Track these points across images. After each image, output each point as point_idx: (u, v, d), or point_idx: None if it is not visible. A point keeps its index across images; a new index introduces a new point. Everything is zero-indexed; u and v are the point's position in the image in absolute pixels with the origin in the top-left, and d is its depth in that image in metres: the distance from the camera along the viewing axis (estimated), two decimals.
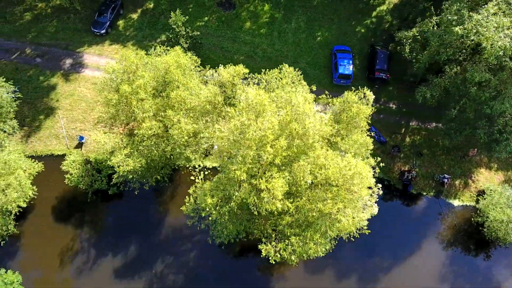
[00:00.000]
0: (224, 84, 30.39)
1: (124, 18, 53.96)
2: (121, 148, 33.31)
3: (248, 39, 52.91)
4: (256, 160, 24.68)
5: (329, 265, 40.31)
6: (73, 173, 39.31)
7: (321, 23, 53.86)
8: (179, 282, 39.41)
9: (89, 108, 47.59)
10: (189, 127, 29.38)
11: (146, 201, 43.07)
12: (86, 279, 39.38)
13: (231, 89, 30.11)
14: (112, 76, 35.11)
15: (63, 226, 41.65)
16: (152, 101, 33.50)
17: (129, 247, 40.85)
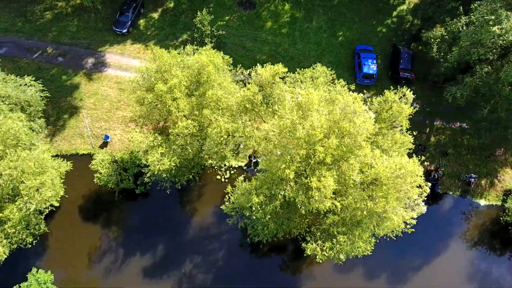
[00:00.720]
0: (263, 83, 30.34)
1: (145, 18, 53.91)
2: (155, 146, 33.17)
3: (269, 38, 52.89)
4: (304, 159, 24.66)
5: (356, 264, 40.17)
6: (102, 172, 39.20)
7: (342, 23, 53.86)
8: (208, 282, 39.32)
9: (113, 107, 47.51)
10: (228, 126, 29.33)
11: (172, 200, 42.99)
12: (114, 279, 39.28)
13: (270, 88, 30.05)
14: (145, 75, 34.95)
15: (90, 225, 41.58)
16: (186, 100, 33.44)
17: (156, 247, 40.76)
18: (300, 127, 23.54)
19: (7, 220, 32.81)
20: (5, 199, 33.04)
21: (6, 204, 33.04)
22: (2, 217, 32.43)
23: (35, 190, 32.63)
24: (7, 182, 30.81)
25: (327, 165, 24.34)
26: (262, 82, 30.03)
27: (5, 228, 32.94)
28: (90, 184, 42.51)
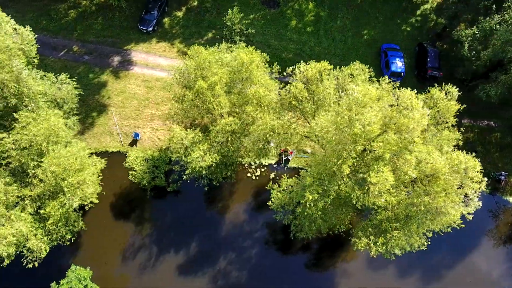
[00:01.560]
0: (309, 80, 30.43)
1: (169, 16, 53.96)
2: (196, 143, 33.19)
3: (294, 37, 53.01)
4: (359, 154, 24.75)
5: (389, 262, 40.11)
6: (137, 170, 39.21)
7: (366, 22, 54.04)
8: (242, 279, 39.32)
9: (141, 105, 47.54)
10: (274, 122, 29.39)
11: (203, 198, 43.15)
12: (148, 276, 39.33)
13: (316, 84, 30.14)
14: (184, 72, 34.98)
15: (122, 222, 41.63)
16: (226, 97, 33.52)
17: (190, 244, 40.80)
18: (358, 123, 23.65)
19: (48, 217, 32.78)
20: (46, 196, 33.00)
21: (47, 201, 33.01)
22: (44, 213, 32.40)
23: (76, 187, 32.65)
24: (50, 178, 30.79)
25: (384, 160, 24.47)
26: (308, 79, 30.09)
27: (46, 224, 32.93)
28: (121, 182, 42.65)
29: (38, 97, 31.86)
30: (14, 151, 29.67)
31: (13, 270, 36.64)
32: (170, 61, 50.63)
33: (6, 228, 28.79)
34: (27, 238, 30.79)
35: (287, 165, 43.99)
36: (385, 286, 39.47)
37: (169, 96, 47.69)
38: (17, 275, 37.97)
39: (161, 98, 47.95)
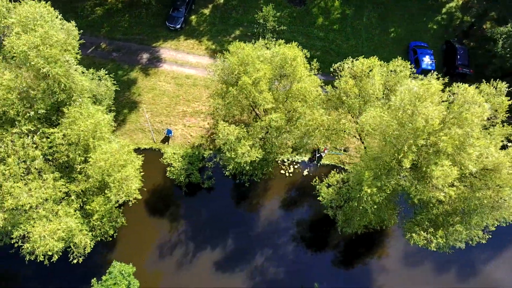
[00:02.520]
0: (358, 75, 30.52)
1: (196, 13, 54.04)
2: (241, 139, 33.21)
3: (321, 34, 53.09)
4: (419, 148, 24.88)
5: (427, 257, 40.26)
6: (175, 166, 39.22)
7: (392, 20, 54.16)
8: (279, 275, 39.37)
9: (172, 102, 47.57)
10: (324, 118, 29.45)
11: (237, 195, 43.26)
12: (185, 272, 39.38)
13: (365, 80, 30.24)
14: (226, 69, 35.02)
15: (157, 218, 41.72)
16: (270, 93, 33.58)
17: (225, 240, 40.85)
18: (420, 118, 23.76)
19: (93, 212, 32.79)
20: (90, 191, 33.01)
21: (92, 197, 33.02)
22: (89, 209, 32.40)
23: (122, 183, 32.67)
24: (98, 174, 30.80)
25: (446, 154, 24.57)
26: (357, 74, 30.17)
27: (90, 220, 32.94)
28: (155, 178, 42.64)
29: (84, 93, 31.86)
30: (62, 146, 29.63)
31: (51, 267, 36.76)
32: (198, 59, 50.70)
33: (56, 224, 28.74)
34: (73, 234, 30.73)
35: (320, 162, 44.06)
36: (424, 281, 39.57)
37: (199, 93, 47.88)
38: (54, 271, 38.04)
39: (191, 95, 47.98)
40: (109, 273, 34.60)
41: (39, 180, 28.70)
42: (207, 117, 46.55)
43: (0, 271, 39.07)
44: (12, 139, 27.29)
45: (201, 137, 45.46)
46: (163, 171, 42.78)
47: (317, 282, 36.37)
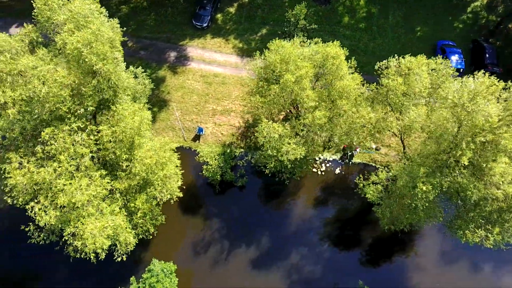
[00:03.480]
0: (406, 73, 30.52)
1: (222, 12, 54.00)
2: (284, 137, 33.16)
3: (348, 33, 53.07)
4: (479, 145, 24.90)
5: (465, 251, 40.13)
6: (212, 164, 39.15)
7: (418, 19, 54.20)
8: (316, 273, 39.33)
9: (201, 100, 47.51)
10: (371, 115, 29.45)
11: (270, 193, 43.19)
12: (221, 270, 39.29)
13: (413, 78, 30.26)
14: (268, 66, 34.97)
15: (191, 216, 41.64)
16: (313, 91, 33.56)
17: (259, 238, 40.75)
18: (479, 115, 23.77)
19: (136, 210, 32.72)
20: (133, 189, 32.91)
21: (134, 195, 32.93)
22: (133, 207, 32.31)
23: (165, 181, 32.64)
24: (143, 172, 30.72)
25: (505, 151, 24.60)
26: (404, 72, 30.17)
27: (133, 218, 32.87)
28: (187, 177, 42.42)
29: (127, 90, 31.79)
30: (110, 143, 29.54)
31: (84, 265, 36.73)
32: (226, 57, 50.65)
33: (104, 221, 28.64)
34: (119, 232, 30.63)
35: (351, 160, 44.04)
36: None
37: (228, 92, 47.82)
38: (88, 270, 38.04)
39: (220, 93, 47.91)
40: (149, 270, 34.53)
41: (87, 177, 28.58)
42: (238, 115, 46.50)
43: (36, 268, 38.93)
44: (63, 136, 27.17)
45: (231, 135, 45.41)
46: (194, 169, 42.78)
47: (359, 280, 36.27)
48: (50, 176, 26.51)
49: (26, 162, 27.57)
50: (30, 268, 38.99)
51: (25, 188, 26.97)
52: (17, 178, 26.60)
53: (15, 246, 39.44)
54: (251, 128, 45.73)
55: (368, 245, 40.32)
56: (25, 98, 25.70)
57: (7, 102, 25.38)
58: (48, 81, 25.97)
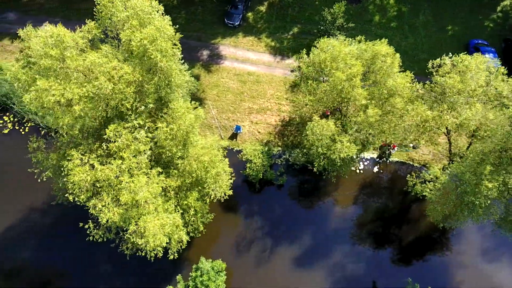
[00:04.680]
0: (462, 71, 30.58)
1: (252, 11, 53.99)
2: (338, 134, 33.14)
3: (379, 32, 53.06)
4: None
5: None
6: (256, 162, 39.09)
7: (448, 17, 54.30)
8: (359, 271, 39.26)
9: (237, 99, 47.44)
10: (428, 113, 29.48)
11: (309, 191, 43.16)
12: (264, 269, 39.17)
13: (469, 76, 30.34)
14: (317, 64, 34.96)
15: (233, 214, 41.54)
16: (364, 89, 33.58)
17: (300, 236, 40.62)
18: None
19: (188, 208, 32.63)
20: (184, 187, 32.84)
21: (186, 192, 32.85)
22: (186, 204, 32.23)
23: (217, 179, 32.58)
24: (199, 169, 30.66)
25: None
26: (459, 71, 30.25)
27: (184, 216, 32.79)
28: None
29: (181, 87, 31.73)
30: (166, 141, 29.43)
31: (124, 264, 36.79)
32: (259, 56, 50.63)
33: (164, 219, 28.54)
34: (175, 229, 30.54)
35: (389, 159, 44.04)
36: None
37: (263, 90, 47.79)
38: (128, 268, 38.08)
39: (255, 91, 47.87)
40: (196, 269, 34.37)
41: (145, 175, 28.46)
42: (274, 114, 46.47)
43: (80, 265, 38.87)
44: (125, 134, 27.05)
45: (269, 133, 45.37)
46: (233, 167, 42.55)
47: (409, 278, 36.19)
48: (114, 174, 26.37)
49: (86, 159, 27.42)
50: (73, 264, 38.91)
51: (86, 185, 26.82)
52: (80, 175, 26.46)
53: (63, 242, 39.35)
54: (288, 126, 45.72)
55: (412, 243, 40.28)
56: (91, 95, 25.55)
57: (73, 98, 25.23)
58: (113, 77, 25.85)
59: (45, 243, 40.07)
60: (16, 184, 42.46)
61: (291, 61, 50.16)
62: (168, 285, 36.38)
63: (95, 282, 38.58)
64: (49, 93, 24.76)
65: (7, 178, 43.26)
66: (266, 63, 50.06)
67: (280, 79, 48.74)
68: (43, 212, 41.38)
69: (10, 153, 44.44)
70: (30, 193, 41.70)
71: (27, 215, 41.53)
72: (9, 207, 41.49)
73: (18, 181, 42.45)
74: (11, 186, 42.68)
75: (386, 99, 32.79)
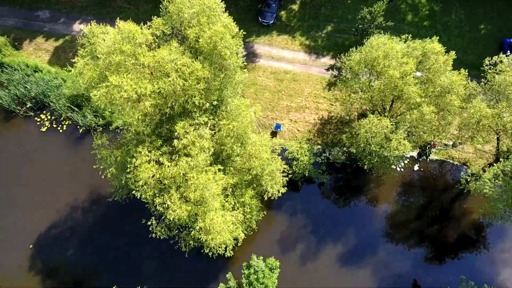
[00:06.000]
0: None
1: (285, 9, 54.01)
2: (392, 132, 33.18)
3: (413, 31, 53.13)
4: None
5: None
6: (303, 160, 39.09)
7: (481, 16, 54.42)
8: (404, 269, 39.32)
9: (274, 97, 47.47)
10: (487, 110, 29.60)
11: (350, 189, 43.20)
12: (312, 266, 39.20)
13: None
14: (368, 61, 34.99)
15: (274, 212, 41.47)
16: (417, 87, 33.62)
17: (344, 235, 40.65)
18: None
19: (243, 206, 32.62)
20: (240, 185, 32.84)
21: (241, 190, 32.84)
22: (243, 202, 32.22)
23: (273, 176, 32.61)
24: (259, 167, 30.66)
25: None
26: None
27: (234, 214, 32.73)
28: None
29: (240, 84, 31.76)
30: (227, 138, 29.40)
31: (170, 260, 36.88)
32: (294, 54, 50.64)
33: (228, 216, 28.55)
34: (236, 227, 30.55)
35: (429, 157, 44.12)
36: None
37: (300, 89, 47.82)
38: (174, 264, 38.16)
39: (293, 90, 47.89)
40: (248, 266, 34.36)
41: (209, 172, 28.42)
42: (312, 112, 46.51)
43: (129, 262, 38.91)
44: (192, 131, 27.04)
45: (308, 131, 45.40)
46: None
47: (462, 275, 36.26)
48: (183, 171, 26.33)
49: (152, 156, 27.37)
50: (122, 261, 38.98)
51: (153, 182, 26.77)
52: (148, 171, 26.40)
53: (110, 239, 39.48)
54: (327, 125, 45.77)
55: (456, 240, 40.38)
56: (162, 91, 25.51)
57: (144, 95, 25.18)
58: (184, 74, 25.82)
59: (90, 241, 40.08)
60: (61, 181, 42.58)
61: (326, 59, 50.20)
62: (214, 282, 36.38)
63: (144, 279, 38.54)
64: (122, 89, 24.69)
65: (49, 176, 43.20)
66: (301, 61, 50.08)
67: (316, 78, 48.76)
68: (85, 210, 41.38)
69: (50, 151, 44.44)
70: (73, 190, 41.76)
71: (70, 212, 41.54)
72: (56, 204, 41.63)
73: (60, 180, 42.54)
74: (56, 184, 42.69)
75: (436, 97, 32.94)
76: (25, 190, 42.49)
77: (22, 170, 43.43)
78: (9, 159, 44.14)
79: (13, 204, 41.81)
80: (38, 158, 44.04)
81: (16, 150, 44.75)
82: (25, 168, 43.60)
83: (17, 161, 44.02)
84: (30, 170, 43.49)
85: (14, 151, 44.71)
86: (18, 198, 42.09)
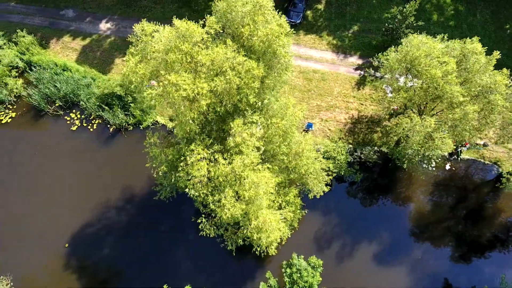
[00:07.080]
0: None
1: (311, 9, 54.10)
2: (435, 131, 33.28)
3: (439, 30, 53.28)
4: None
5: None
6: (340, 159, 39.17)
7: (506, 16, 54.61)
8: (438, 267, 39.42)
9: (304, 96, 47.54)
10: None
11: (382, 188, 43.33)
12: (346, 264, 39.27)
13: None
14: (408, 61, 35.07)
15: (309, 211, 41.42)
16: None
17: (378, 234, 40.70)
18: None
19: (286, 204, 32.68)
20: (283, 184, 32.87)
21: (284, 189, 32.90)
22: (285, 201, 32.27)
23: (317, 175, 32.65)
24: (305, 166, 30.70)
25: None
26: None
27: (283, 212, 32.81)
28: None
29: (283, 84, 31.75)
30: (276, 137, 29.41)
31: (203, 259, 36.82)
32: (321, 54, 50.72)
33: (278, 215, 28.59)
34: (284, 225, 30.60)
35: (460, 156, 44.27)
36: None
37: (330, 88, 47.92)
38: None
39: (322, 89, 47.97)
40: (289, 265, 34.40)
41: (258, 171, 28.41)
42: (342, 112, 46.60)
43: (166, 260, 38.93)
44: (245, 129, 27.05)
45: (339, 131, 45.47)
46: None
47: (503, 274, 36.43)
48: (238, 169, 26.34)
49: (204, 154, 27.36)
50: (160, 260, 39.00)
51: (206, 180, 26.77)
52: (202, 170, 26.41)
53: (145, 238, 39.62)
54: (358, 124, 45.86)
55: (493, 240, 40.51)
56: (219, 89, 25.50)
57: (201, 93, 25.18)
58: (240, 72, 25.85)
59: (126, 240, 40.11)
60: (94, 180, 42.60)
61: (354, 59, 50.30)
62: (250, 282, 36.42)
63: (178, 279, 38.51)
64: (181, 87, 24.69)
65: (83, 176, 43.18)
66: (329, 61, 50.16)
67: (345, 77, 48.86)
68: (120, 209, 41.37)
69: (82, 150, 44.45)
70: (108, 189, 41.76)
71: (104, 211, 41.51)
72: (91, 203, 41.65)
73: (93, 179, 42.55)
74: (90, 183, 42.68)
75: (477, 96, 33.12)
76: (59, 189, 42.45)
77: (56, 170, 43.39)
78: (42, 159, 44.10)
79: (47, 204, 41.77)
80: (71, 157, 44.01)
81: (48, 149, 44.71)
82: (58, 168, 43.56)
83: (50, 161, 43.99)
84: (63, 169, 43.46)
85: (46, 151, 44.67)
86: (53, 198, 42.06)
